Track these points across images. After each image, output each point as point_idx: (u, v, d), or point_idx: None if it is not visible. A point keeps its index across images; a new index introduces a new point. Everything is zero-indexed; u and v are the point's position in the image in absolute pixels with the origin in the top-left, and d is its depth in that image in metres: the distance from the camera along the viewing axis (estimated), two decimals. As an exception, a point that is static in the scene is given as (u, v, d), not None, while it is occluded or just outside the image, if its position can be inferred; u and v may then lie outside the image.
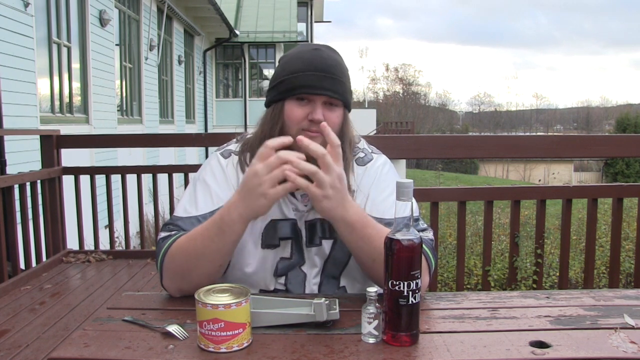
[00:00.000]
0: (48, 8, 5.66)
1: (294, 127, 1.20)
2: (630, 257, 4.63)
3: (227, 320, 0.89)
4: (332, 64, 1.22)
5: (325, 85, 1.19)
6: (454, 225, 4.93)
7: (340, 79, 1.22)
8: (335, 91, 1.20)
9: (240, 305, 0.91)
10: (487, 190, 2.82)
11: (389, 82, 51.32)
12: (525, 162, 23.79)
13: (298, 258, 1.26)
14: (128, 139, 5.01)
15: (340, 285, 1.29)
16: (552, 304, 1.13)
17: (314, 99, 1.20)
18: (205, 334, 0.90)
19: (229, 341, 0.90)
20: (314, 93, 1.19)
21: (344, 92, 1.23)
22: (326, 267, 1.27)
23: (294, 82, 1.20)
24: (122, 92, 8.36)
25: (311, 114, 1.19)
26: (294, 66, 1.21)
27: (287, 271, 1.26)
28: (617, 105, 56.26)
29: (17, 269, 3.14)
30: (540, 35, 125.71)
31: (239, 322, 0.91)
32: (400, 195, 0.95)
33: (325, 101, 1.21)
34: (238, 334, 0.90)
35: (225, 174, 1.27)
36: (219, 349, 0.90)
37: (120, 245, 5.19)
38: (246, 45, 15.62)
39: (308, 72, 1.19)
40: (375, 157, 1.33)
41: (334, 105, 1.22)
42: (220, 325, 0.89)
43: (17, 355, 2.12)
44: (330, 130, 1.07)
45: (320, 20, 23.07)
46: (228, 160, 1.29)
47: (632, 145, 2.72)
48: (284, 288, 1.26)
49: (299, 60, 1.22)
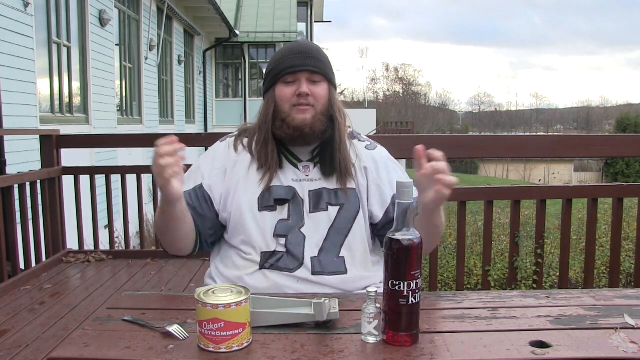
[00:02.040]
0: (48, 8, 5.65)
1: (286, 105, 1.35)
2: (630, 257, 4.63)
3: (227, 320, 0.90)
4: (310, 47, 1.39)
5: (305, 63, 1.34)
6: (454, 225, 4.92)
7: (319, 58, 1.37)
8: (315, 66, 1.35)
9: (240, 305, 0.91)
10: (487, 190, 2.81)
11: (389, 82, 51.33)
12: (525, 162, 23.78)
13: (297, 220, 1.32)
14: (128, 139, 5.02)
15: (339, 255, 1.33)
16: (552, 304, 1.13)
17: (298, 77, 1.34)
18: (205, 334, 0.90)
19: (229, 341, 0.90)
20: (297, 70, 1.34)
21: (325, 68, 1.37)
22: (330, 234, 1.33)
23: (279, 67, 1.36)
24: (122, 92, 8.36)
25: (297, 89, 1.33)
26: (277, 56, 1.39)
27: (287, 232, 1.31)
28: (617, 105, 56.25)
29: (17, 269, 3.14)
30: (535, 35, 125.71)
31: (239, 322, 0.91)
32: (400, 195, 0.95)
33: (308, 77, 1.34)
34: (238, 334, 0.90)
35: (216, 153, 1.42)
36: (219, 349, 0.90)
37: (120, 245, 5.19)
38: (246, 45, 15.61)
39: (288, 56, 1.36)
40: (378, 147, 1.48)
41: (317, 81, 1.35)
42: (220, 325, 0.89)
43: (17, 355, 2.12)
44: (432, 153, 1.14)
45: (320, 20, 23.06)
46: (224, 142, 1.44)
47: (632, 145, 2.72)
48: (284, 249, 1.31)
49: (281, 52, 1.40)
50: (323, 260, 1.31)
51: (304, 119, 1.32)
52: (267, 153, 1.34)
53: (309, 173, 1.37)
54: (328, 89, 1.37)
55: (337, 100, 1.40)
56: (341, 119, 1.38)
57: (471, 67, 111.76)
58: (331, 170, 1.36)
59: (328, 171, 1.36)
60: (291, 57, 1.34)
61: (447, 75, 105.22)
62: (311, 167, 1.38)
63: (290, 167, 1.37)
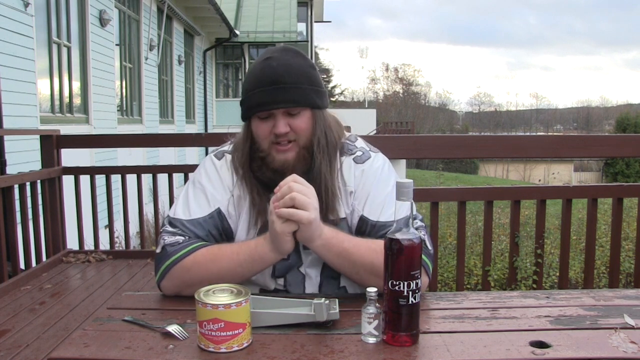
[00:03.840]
0: (48, 8, 5.65)
1: (264, 143, 1.23)
2: (630, 257, 4.63)
3: (227, 320, 0.89)
4: (282, 72, 1.19)
5: (277, 99, 1.18)
6: (454, 225, 4.93)
7: (294, 86, 1.19)
8: (288, 101, 1.19)
9: (240, 305, 0.91)
10: (487, 190, 2.81)
11: (389, 82, 51.33)
12: (525, 162, 23.79)
13: (295, 259, 1.26)
14: (128, 139, 5.01)
15: (340, 285, 1.29)
16: (552, 304, 1.13)
17: (273, 113, 1.20)
18: (205, 334, 0.90)
19: (229, 341, 0.90)
20: (268, 109, 1.19)
21: (301, 97, 1.20)
22: (325, 267, 1.26)
23: (250, 101, 1.22)
24: (122, 92, 8.36)
25: (274, 128, 1.20)
26: (248, 84, 1.23)
27: (286, 272, 1.26)
28: (617, 105, 56.23)
29: (17, 269, 3.14)
30: (532, 35, 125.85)
31: (239, 322, 0.91)
32: (400, 195, 0.95)
33: (285, 112, 1.20)
34: (238, 334, 0.90)
35: (219, 174, 1.28)
36: (219, 349, 0.90)
37: (120, 245, 5.19)
38: (246, 45, 15.61)
39: (257, 90, 1.20)
40: (373, 156, 1.31)
41: (295, 114, 1.21)
42: (220, 325, 0.89)
43: (17, 355, 2.12)
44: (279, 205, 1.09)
45: (320, 20, 23.06)
46: (222, 161, 1.31)
47: (632, 145, 2.72)
48: (283, 289, 1.27)
49: (252, 76, 1.23)
50: (324, 293, 1.27)
51: (284, 161, 1.21)
52: (254, 196, 1.24)
53: None
54: (311, 116, 1.23)
55: (324, 122, 1.25)
56: (328, 146, 1.24)
57: (469, 67, 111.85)
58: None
59: None
60: (263, 91, 1.19)
61: (446, 75, 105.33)
62: None
63: None
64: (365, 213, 1.24)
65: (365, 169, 1.28)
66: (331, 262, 1.17)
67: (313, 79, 1.24)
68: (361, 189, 1.27)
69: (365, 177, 1.27)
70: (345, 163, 1.29)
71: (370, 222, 1.24)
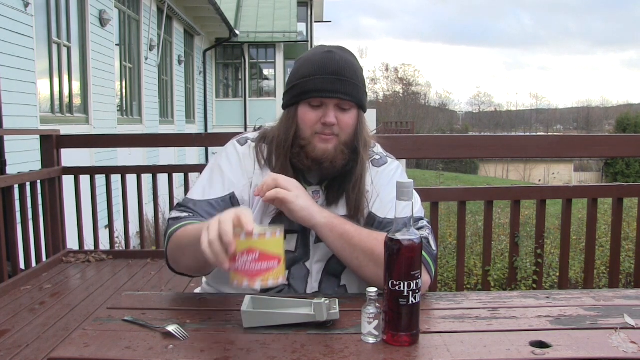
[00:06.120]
0: (48, 8, 5.65)
1: (307, 131, 1.23)
2: (630, 257, 4.62)
3: (262, 249, 0.88)
4: (344, 66, 1.22)
5: (336, 88, 1.20)
6: (454, 225, 4.93)
7: (352, 81, 1.22)
8: (346, 93, 1.21)
9: (275, 235, 0.90)
10: (487, 190, 2.82)
11: (389, 82, 51.34)
12: (525, 162, 23.77)
13: (302, 253, 1.27)
14: (128, 139, 5.02)
15: (340, 284, 1.29)
16: (552, 304, 1.13)
17: (326, 102, 1.22)
18: (240, 268, 0.89)
19: (264, 274, 0.89)
20: (326, 96, 1.21)
21: (357, 93, 1.23)
22: (329, 264, 1.28)
23: (306, 86, 1.22)
24: (122, 92, 8.36)
25: (323, 117, 1.21)
26: (306, 70, 1.23)
27: (291, 265, 1.27)
28: (617, 105, 56.21)
29: (17, 269, 3.14)
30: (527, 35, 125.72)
31: (273, 253, 0.89)
32: (400, 195, 0.95)
33: (337, 104, 1.22)
34: (272, 268, 0.89)
35: (240, 159, 1.30)
36: (254, 282, 0.88)
37: (120, 245, 5.19)
38: (246, 45, 15.61)
39: (319, 76, 1.21)
40: (389, 161, 1.36)
41: (347, 109, 1.23)
42: (255, 256, 0.88)
43: (17, 355, 2.12)
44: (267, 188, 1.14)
45: (320, 20, 23.06)
46: (245, 146, 1.32)
47: (632, 145, 2.72)
48: (286, 282, 1.27)
49: (311, 64, 1.23)
50: (324, 290, 1.28)
51: (325, 150, 1.22)
52: None
53: (318, 200, 1.27)
54: (357, 116, 1.26)
55: (365, 128, 1.29)
56: (364, 152, 1.27)
57: (466, 67, 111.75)
58: (338, 201, 1.27)
59: (335, 201, 1.27)
60: (322, 78, 1.20)
61: (444, 74, 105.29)
62: (320, 192, 1.29)
63: None
64: (374, 210, 1.28)
65: (379, 171, 1.32)
66: (332, 244, 1.18)
67: (364, 81, 1.28)
68: (373, 189, 1.30)
69: (378, 178, 1.31)
70: None
71: (377, 219, 1.27)
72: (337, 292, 1.28)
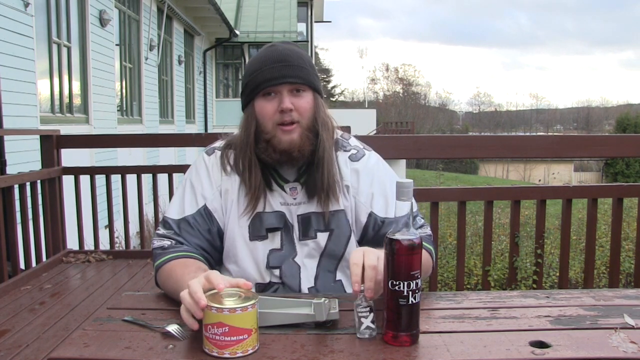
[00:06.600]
0: (48, 8, 5.65)
1: (268, 123, 1.24)
2: (630, 257, 4.63)
3: (231, 325, 0.88)
4: (288, 53, 1.24)
5: (283, 74, 1.22)
6: (454, 225, 4.93)
7: (300, 65, 1.24)
8: (295, 76, 1.22)
9: (246, 310, 0.89)
10: (487, 190, 2.81)
11: (389, 82, 51.33)
12: (525, 162, 23.78)
13: (289, 249, 1.27)
14: (128, 139, 5.01)
15: (336, 279, 1.30)
16: (552, 303, 1.13)
17: (279, 90, 1.22)
18: (210, 337, 0.89)
19: (233, 346, 0.88)
20: (275, 84, 1.22)
21: (306, 75, 1.24)
22: (322, 260, 1.28)
23: (255, 80, 1.24)
24: (122, 92, 8.36)
25: (280, 105, 1.22)
26: (253, 67, 1.26)
27: (280, 263, 1.27)
28: (617, 105, 56.21)
29: (17, 269, 3.14)
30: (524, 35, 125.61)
31: (244, 327, 0.89)
32: (400, 195, 0.95)
33: (290, 89, 1.23)
34: (243, 340, 0.89)
35: (208, 170, 1.31)
36: (222, 354, 0.88)
37: (120, 245, 5.19)
38: (246, 45, 15.61)
39: (265, 67, 1.23)
40: (367, 154, 1.35)
41: (301, 92, 1.24)
42: (225, 330, 0.88)
43: (17, 355, 2.12)
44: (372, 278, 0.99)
45: (320, 20, 23.06)
46: (212, 156, 1.33)
47: (632, 145, 2.72)
48: (279, 280, 1.27)
49: (257, 60, 1.26)
50: (321, 288, 1.28)
51: (291, 141, 1.22)
52: (252, 179, 1.25)
53: (296, 196, 1.28)
54: (313, 98, 1.26)
55: (323, 109, 1.29)
56: (327, 133, 1.27)
57: (464, 67, 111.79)
58: (317, 192, 1.26)
59: (314, 193, 1.27)
60: (269, 68, 1.22)
61: (443, 74, 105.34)
62: (298, 188, 1.29)
63: (278, 189, 1.28)
64: (375, 210, 1.29)
65: (360, 167, 1.32)
66: None
67: (313, 65, 1.29)
68: (363, 187, 1.30)
69: (364, 175, 1.31)
70: (340, 157, 1.32)
71: (379, 218, 1.28)
72: (334, 287, 1.29)
